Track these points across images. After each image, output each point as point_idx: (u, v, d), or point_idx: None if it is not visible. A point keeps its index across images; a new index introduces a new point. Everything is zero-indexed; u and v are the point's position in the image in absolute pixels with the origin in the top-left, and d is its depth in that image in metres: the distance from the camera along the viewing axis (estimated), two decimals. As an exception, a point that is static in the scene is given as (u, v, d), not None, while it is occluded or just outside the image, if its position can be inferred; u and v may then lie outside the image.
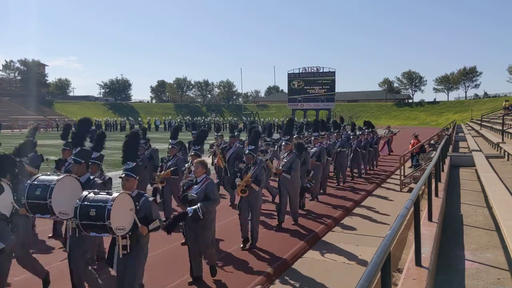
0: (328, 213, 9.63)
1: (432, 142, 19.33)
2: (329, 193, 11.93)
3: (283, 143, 9.01)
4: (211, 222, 5.88)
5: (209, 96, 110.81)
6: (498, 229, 5.42)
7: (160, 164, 9.35)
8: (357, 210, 10.28)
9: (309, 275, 6.12)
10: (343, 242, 7.66)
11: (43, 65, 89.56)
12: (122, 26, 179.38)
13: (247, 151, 7.48)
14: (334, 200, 10.99)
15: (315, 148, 10.95)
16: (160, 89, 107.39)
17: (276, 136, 16.67)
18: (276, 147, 12.95)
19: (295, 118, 50.40)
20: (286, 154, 8.68)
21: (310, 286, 5.79)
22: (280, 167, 8.57)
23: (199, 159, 6.22)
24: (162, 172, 8.65)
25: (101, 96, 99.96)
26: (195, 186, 5.77)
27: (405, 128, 50.20)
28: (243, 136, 15.11)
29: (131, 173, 4.69)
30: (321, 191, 11.63)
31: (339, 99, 79.06)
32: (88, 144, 7.08)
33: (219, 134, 13.24)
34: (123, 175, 4.71)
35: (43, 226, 7.99)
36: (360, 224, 8.97)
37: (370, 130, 17.45)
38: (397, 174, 14.06)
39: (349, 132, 16.41)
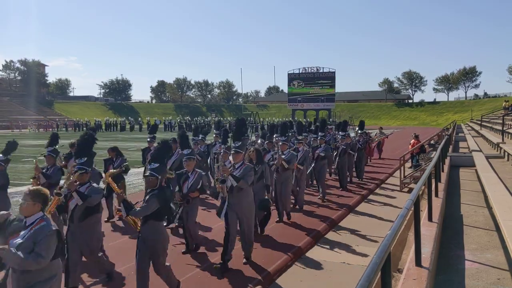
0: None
1: (432, 142, 19.32)
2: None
3: (233, 151, 6.61)
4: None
5: (209, 96, 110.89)
6: (498, 229, 5.41)
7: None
8: (354, 211, 10.27)
9: (309, 275, 6.12)
10: (343, 242, 7.66)
11: (43, 65, 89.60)
12: (122, 26, 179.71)
13: (148, 173, 5.25)
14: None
15: (283, 156, 8.81)
16: (160, 89, 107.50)
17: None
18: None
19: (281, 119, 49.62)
20: (237, 165, 6.48)
21: (310, 286, 5.79)
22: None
23: (34, 188, 3.85)
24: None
25: (101, 96, 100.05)
26: (22, 233, 3.64)
27: (405, 128, 50.23)
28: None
29: None
30: (297, 206, 9.83)
31: (339, 99, 79.05)
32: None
33: (201, 137, 11.72)
34: None
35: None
36: (360, 224, 8.96)
37: (362, 132, 16.02)
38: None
39: (337, 134, 14.39)
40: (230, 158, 7.21)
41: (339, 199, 11.12)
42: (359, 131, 16.04)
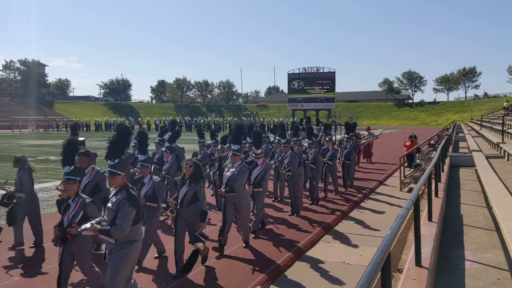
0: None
1: (432, 142, 19.30)
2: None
3: (139, 166, 5.12)
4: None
5: (209, 96, 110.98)
6: (498, 229, 5.41)
7: None
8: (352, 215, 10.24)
9: (309, 275, 6.11)
10: (343, 242, 7.64)
11: (43, 65, 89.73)
12: (122, 26, 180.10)
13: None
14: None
15: (232, 170, 6.90)
16: (160, 89, 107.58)
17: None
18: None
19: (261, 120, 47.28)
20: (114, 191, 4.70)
21: (310, 286, 5.78)
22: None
23: None
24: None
25: (101, 96, 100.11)
26: None
27: (405, 129, 50.22)
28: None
29: None
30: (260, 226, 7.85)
31: (339, 99, 79.15)
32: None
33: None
34: None
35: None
36: (360, 224, 8.94)
37: (349, 137, 13.59)
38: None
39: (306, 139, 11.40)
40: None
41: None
42: (346, 136, 13.95)
